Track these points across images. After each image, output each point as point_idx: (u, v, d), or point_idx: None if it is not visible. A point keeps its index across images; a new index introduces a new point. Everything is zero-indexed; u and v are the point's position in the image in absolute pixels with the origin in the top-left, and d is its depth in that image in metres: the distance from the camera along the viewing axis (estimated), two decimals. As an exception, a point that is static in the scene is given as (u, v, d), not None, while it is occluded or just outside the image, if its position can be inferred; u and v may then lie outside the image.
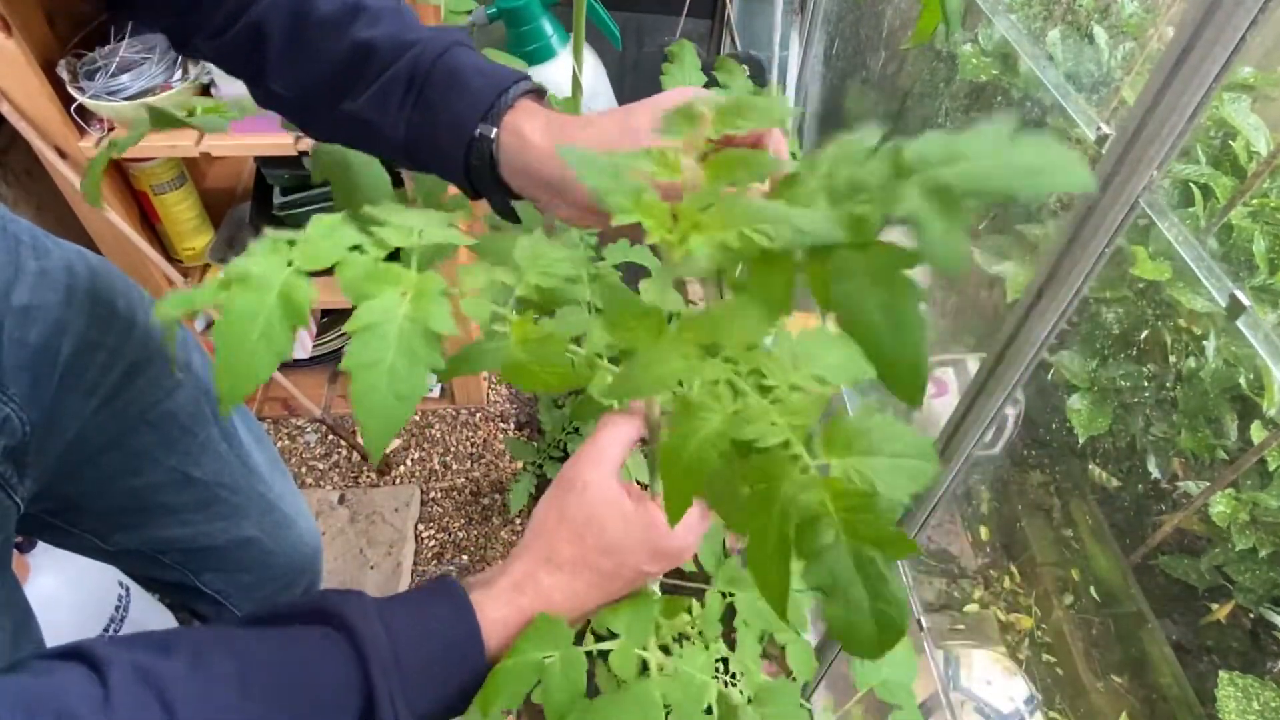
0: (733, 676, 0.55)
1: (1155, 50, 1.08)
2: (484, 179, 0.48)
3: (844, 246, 0.26)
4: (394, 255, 0.36)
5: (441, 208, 0.85)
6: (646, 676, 0.47)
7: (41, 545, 1.07)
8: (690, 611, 0.58)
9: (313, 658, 0.36)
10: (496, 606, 0.42)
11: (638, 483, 0.47)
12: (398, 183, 1.37)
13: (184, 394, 0.75)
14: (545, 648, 0.42)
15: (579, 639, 0.44)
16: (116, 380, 0.68)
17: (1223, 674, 0.99)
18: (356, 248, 0.33)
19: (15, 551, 0.66)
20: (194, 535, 0.81)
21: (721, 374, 0.29)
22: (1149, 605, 1.20)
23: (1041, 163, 0.24)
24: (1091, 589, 1.30)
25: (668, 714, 0.45)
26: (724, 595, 0.59)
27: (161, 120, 0.60)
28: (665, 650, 0.67)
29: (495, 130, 0.46)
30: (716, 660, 0.55)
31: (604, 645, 0.47)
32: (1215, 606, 1.13)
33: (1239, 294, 0.38)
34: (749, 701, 0.52)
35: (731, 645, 0.58)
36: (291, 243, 0.32)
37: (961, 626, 1.29)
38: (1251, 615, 1.09)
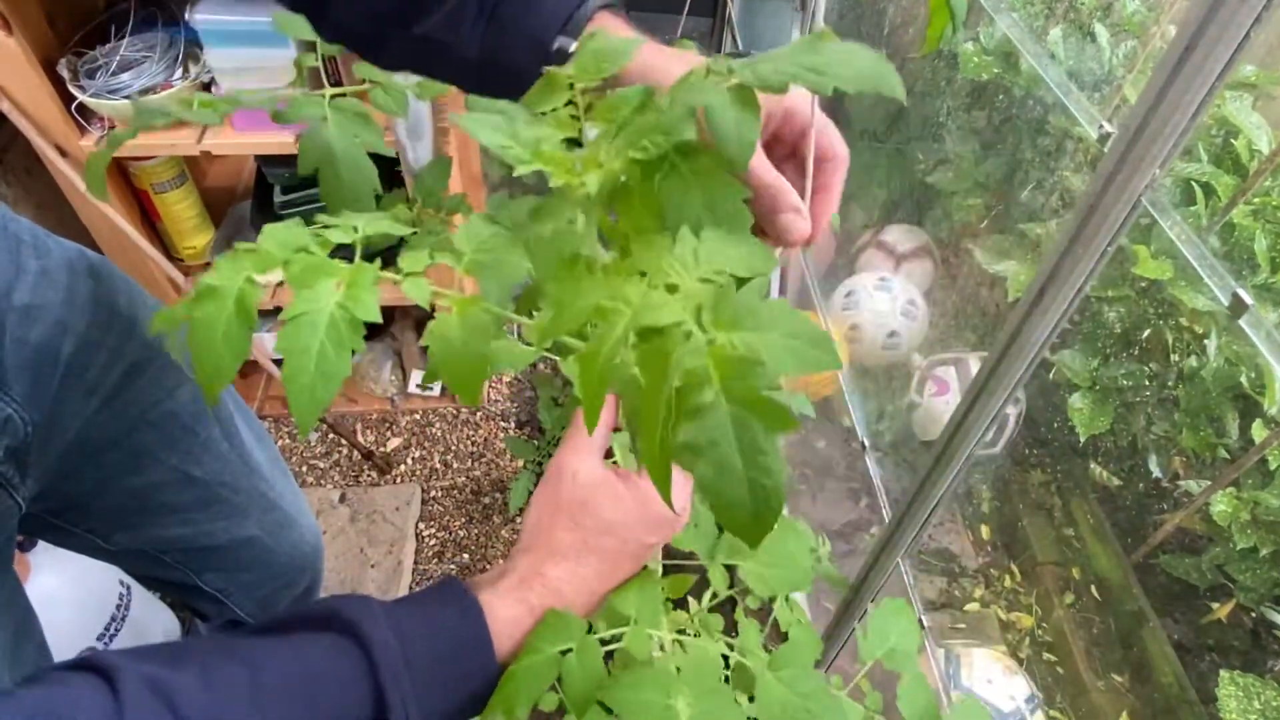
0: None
1: (1158, 49, 1.07)
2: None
3: (674, 153, 0.33)
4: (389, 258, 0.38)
5: (442, 206, 0.85)
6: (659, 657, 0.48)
7: (42, 544, 1.07)
8: (687, 608, 0.59)
9: (323, 666, 0.36)
10: (505, 606, 0.42)
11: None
12: (397, 183, 1.37)
13: (185, 393, 0.75)
14: (560, 642, 0.43)
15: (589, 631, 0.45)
16: (118, 379, 0.68)
17: (1224, 673, 0.99)
18: (303, 249, 0.37)
19: (16, 551, 0.66)
20: (195, 534, 0.81)
21: (635, 292, 0.31)
22: (1150, 604, 1.20)
23: (832, 63, 0.29)
24: (1092, 588, 1.30)
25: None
26: (726, 568, 0.59)
27: (148, 116, 0.60)
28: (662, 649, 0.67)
29: (574, 43, 0.46)
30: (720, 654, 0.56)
31: (616, 631, 0.48)
32: (1216, 605, 1.13)
33: (1241, 292, 0.38)
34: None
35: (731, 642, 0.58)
36: (251, 251, 0.36)
37: (962, 625, 1.29)
38: (1253, 614, 1.09)
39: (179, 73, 1.20)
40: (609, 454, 0.49)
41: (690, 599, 0.62)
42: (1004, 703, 1.13)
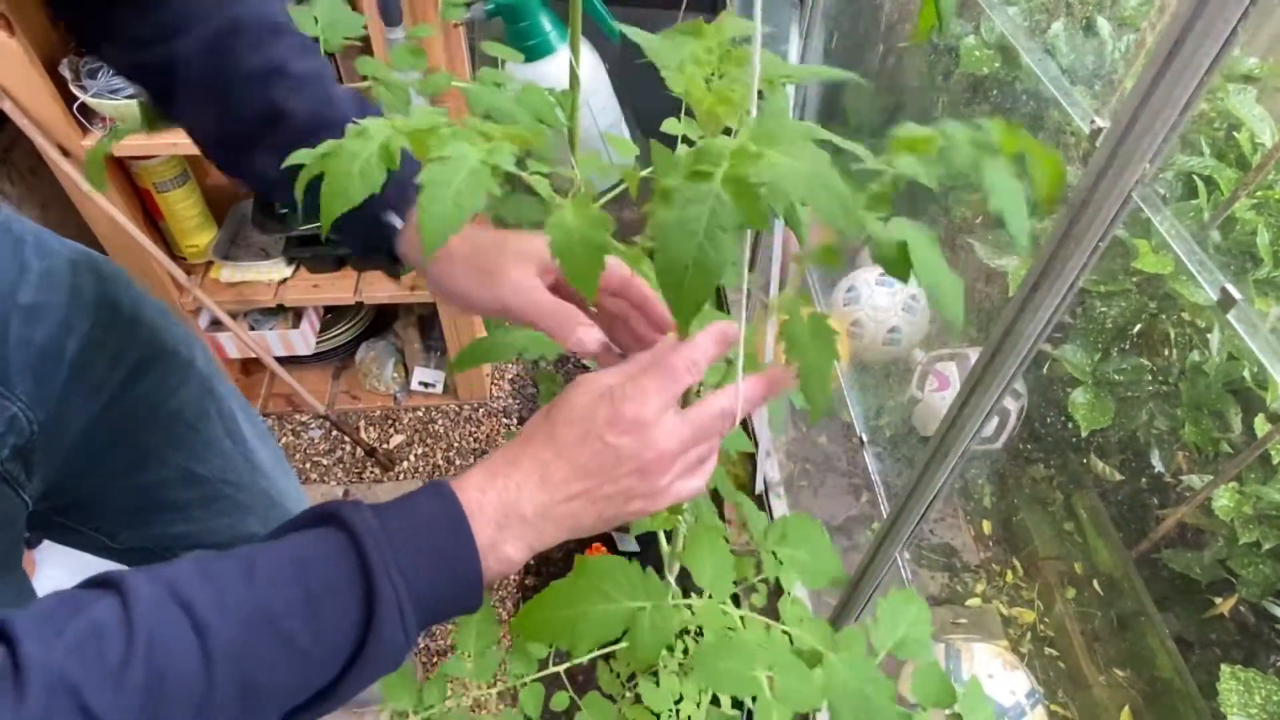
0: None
1: (1153, 46, 1.07)
2: (378, 251, 0.53)
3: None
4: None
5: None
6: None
7: (47, 540, 1.08)
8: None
9: (311, 551, 0.38)
10: (470, 475, 0.43)
11: None
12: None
13: (189, 392, 0.76)
14: (637, 597, 0.44)
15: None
16: (122, 378, 0.68)
17: (1225, 667, 0.98)
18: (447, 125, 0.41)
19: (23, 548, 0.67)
20: (199, 531, 0.81)
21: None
22: (1151, 599, 1.20)
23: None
24: (1094, 583, 1.30)
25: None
26: (774, 555, 0.61)
27: (151, 120, 0.61)
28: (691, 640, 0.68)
29: (400, 221, 0.51)
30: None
31: (687, 602, 0.50)
32: (1218, 600, 1.13)
33: (1229, 287, 0.38)
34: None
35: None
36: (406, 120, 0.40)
37: (964, 620, 1.29)
38: (1254, 609, 1.09)
39: (180, 72, 1.21)
40: None
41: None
42: (1005, 697, 1.13)
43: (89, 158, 0.58)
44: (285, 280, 1.52)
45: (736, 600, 0.56)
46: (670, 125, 0.60)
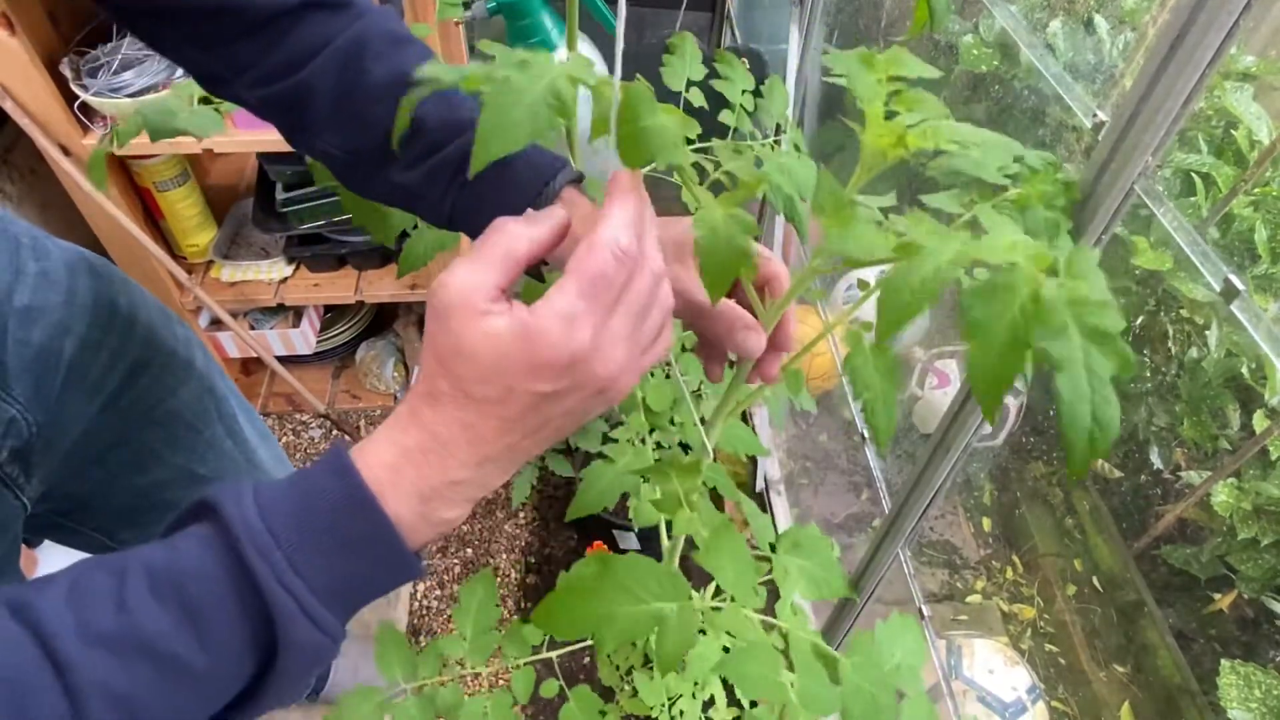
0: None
1: (1155, 39, 1.07)
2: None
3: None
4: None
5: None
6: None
7: (47, 540, 1.08)
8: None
9: (187, 557, 0.35)
10: (377, 451, 0.37)
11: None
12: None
13: (188, 392, 0.76)
14: (664, 598, 0.45)
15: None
16: (120, 379, 0.68)
17: (1224, 662, 0.99)
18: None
19: (23, 545, 0.67)
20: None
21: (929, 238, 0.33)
22: (1151, 595, 1.20)
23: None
24: (1094, 579, 1.30)
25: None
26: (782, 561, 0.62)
27: (157, 131, 0.61)
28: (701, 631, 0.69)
29: None
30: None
31: (713, 603, 0.51)
32: (1218, 596, 1.13)
33: (1233, 278, 0.38)
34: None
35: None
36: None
37: (964, 616, 1.29)
38: (1253, 604, 1.09)
39: (180, 71, 1.21)
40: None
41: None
42: (1005, 693, 1.14)
43: (91, 158, 0.58)
44: (286, 279, 1.52)
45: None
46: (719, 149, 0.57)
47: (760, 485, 1.47)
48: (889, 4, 1.20)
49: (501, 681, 1.27)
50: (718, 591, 0.56)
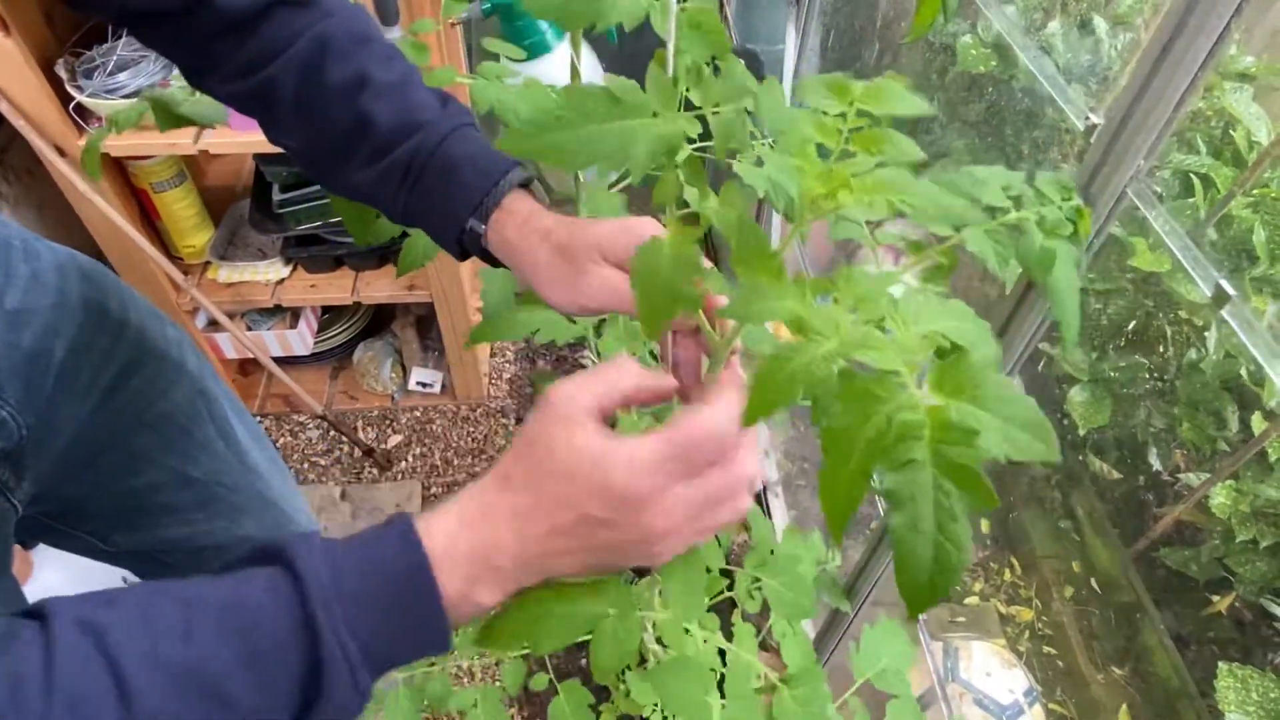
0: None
1: (1148, 42, 1.07)
2: (480, 256, 0.53)
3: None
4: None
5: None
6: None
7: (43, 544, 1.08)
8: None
9: (256, 599, 0.36)
10: (441, 521, 0.39)
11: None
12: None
13: (180, 394, 0.76)
14: (604, 604, 0.43)
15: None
16: (111, 381, 0.68)
17: (1222, 665, 0.98)
18: None
19: (18, 548, 0.67)
20: (193, 534, 0.81)
21: (838, 315, 0.31)
22: (1149, 597, 1.20)
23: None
24: (1092, 581, 1.30)
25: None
26: (755, 580, 0.61)
27: (165, 119, 0.61)
28: (660, 642, 0.68)
29: (483, 226, 0.50)
30: (717, 649, 0.57)
31: (655, 615, 0.49)
32: (1216, 598, 1.13)
33: (1224, 283, 0.38)
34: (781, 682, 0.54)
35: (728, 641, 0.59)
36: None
37: (961, 619, 1.29)
38: (1251, 606, 1.09)
39: (175, 71, 1.21)
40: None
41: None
42: (1003, 696, 1.14)
43: (86, 146, 0.58)
44: (283, 280, 1.51)
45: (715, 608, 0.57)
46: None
47: (758, 486, 1.47)
48: (884, 4, 1.20)
49: (495, 681, 1.27)
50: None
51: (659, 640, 0.56)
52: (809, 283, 0.32)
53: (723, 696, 0.48)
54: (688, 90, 0.43)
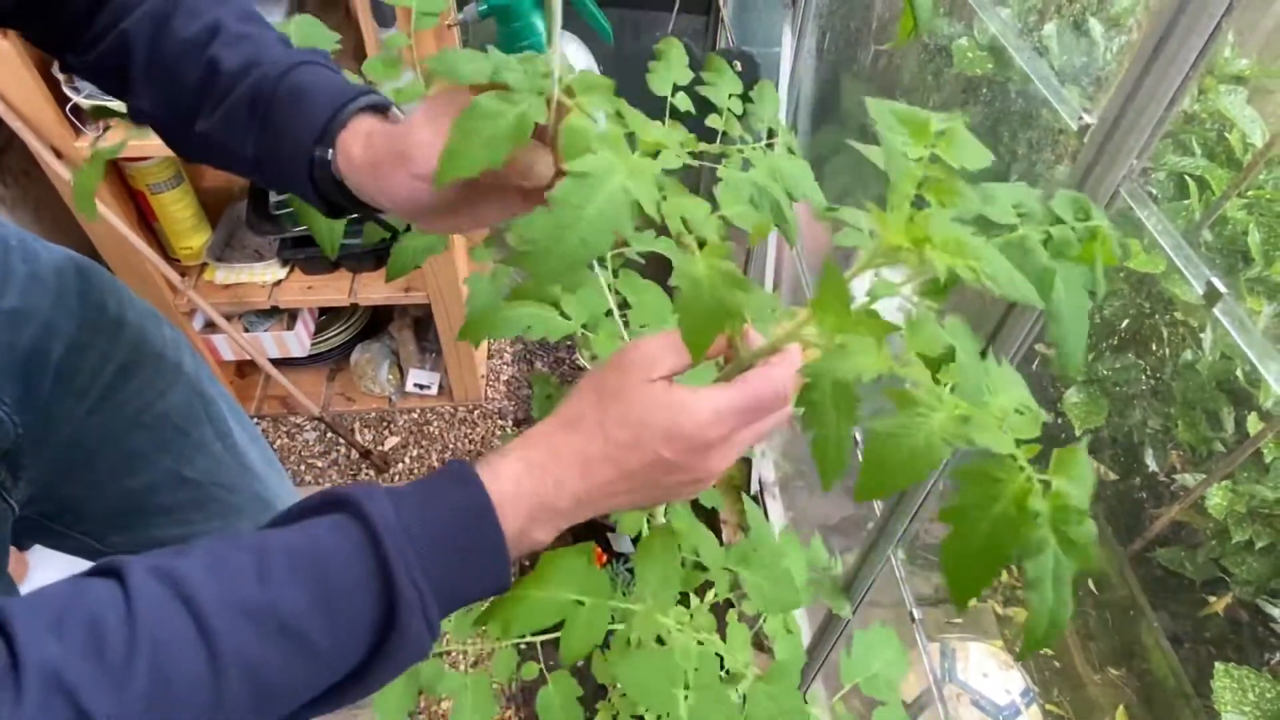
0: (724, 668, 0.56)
1: (1139, 43, 1.07)
2: (334, 196, 0.50)
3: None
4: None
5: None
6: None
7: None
8: (687, 604, 0.60)
9: (328, 544, 0.37)
10: (506, 463, 0.41)
11: None
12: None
13: (177, 394, 0.76)
14: (576, 591, 0.44)
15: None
16: (108, 381, 0.68)
17: (1218, 665, 0.99)
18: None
19: (14, 549, 0.67)
20: (190, 535, 0.81)
21: (923, 377, 0.32)
22: (1146, 598, 1.20)
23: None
24: (1088, 581, 1.30)
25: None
26: (730, 572, 0.61)
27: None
28: (660, 641, 0.68)
29: (331, 151, 0.48)
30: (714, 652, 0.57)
31: (627, 606, 0.49)
32: (1213, 599, 1.13)
33: (1215, 281, 0.38)
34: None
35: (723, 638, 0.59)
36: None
37: (958, 620, 1.29)
38: (1248, 607, 1.09)
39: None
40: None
41: (693, 595, 0.63)
42: (1000, 696, 1.14)
43: (76, 187, 0.56)
44: (280, 282, 1.52)
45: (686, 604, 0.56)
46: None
47: (755, 488, 1.47)
48: (880, 7, 1.21)
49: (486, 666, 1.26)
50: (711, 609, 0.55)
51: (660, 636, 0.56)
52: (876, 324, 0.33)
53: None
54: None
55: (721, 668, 0.56)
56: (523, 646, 0.67)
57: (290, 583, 0.35)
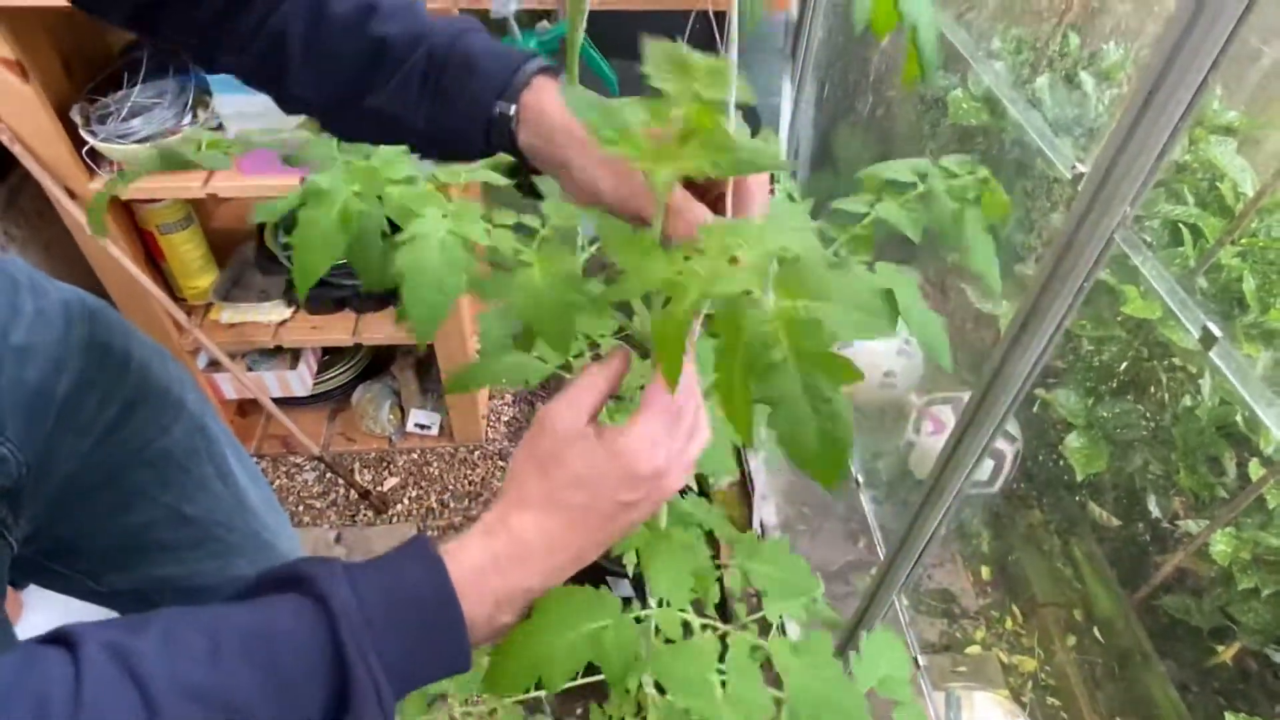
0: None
1: (1130, 95, 1.10)
2: (508, 150, 0.50)
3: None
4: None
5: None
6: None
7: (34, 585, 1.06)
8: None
9: (282, 626, 0.36)
10: (469, 555, 0.41)
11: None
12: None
13: (179, 431, 0.76)
14: (596, 619, 0.45)
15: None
16: (112, 418, 0.68)
17: (1228, 715, 0.97)
18: (410, 179, 0.43)
19: (10, 589, 0.66)
20: (188, 574, 0.80)
21: (703, 265, 0.34)
22: (1153, 646, 1.18)
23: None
24: (1094, 630, 1.28)
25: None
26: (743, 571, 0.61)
27: (169, 161, 0.62)
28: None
29: (514, 107, 0.48)
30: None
31: (645, 613, 0.50)
32: (1221, 647, 1.11)
33: (1211, 326, 0.39)
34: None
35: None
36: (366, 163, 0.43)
37: (964, 668, 1.27)
38: (1257, 656, 1.08)
39: (188, 118, 1.24)
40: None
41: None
42: (1007, 748, 1.11)
43: (91, 206, 0.59)
44: (284, 321, 1.53)
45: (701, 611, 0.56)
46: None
47: (757, 529, 1.46)
48: (876, 59, 1.24)
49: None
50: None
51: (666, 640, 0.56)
52: (679, 250, 0.36)
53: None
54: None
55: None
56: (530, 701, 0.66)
57: (242, 667, 0.35)
